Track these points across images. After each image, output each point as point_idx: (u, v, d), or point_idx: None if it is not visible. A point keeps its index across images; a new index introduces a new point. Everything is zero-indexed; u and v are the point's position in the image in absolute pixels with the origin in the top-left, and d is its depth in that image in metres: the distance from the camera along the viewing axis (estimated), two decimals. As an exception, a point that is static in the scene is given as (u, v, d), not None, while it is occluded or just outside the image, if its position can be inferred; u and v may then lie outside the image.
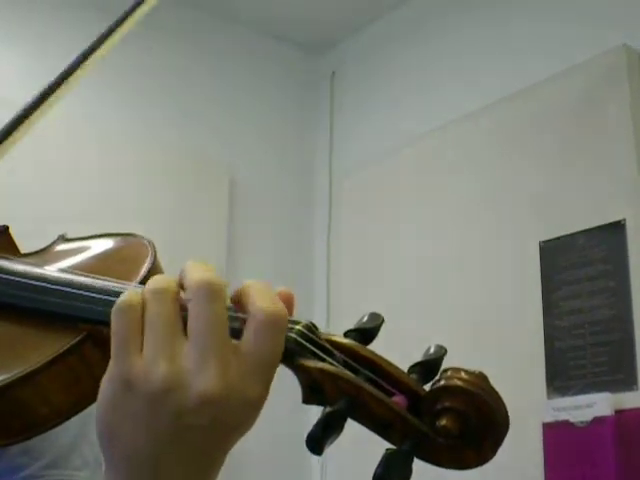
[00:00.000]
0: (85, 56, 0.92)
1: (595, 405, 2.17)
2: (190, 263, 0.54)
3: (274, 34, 3.36)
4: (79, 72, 0.91)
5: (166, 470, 0.52)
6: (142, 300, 0.53)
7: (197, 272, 0.53)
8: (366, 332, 0.54)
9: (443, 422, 0.48)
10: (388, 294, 2.82)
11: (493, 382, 0.51)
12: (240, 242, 3.06)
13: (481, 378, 0.49)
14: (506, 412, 0.48)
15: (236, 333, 0.52)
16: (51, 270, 0.70)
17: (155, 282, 0.54)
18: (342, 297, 3.07)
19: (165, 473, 0.52)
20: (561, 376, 2.30)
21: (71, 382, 0.60)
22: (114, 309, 0.53)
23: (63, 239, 0.84)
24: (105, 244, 0.79)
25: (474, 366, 0.50)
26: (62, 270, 0.70)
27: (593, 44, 2.46)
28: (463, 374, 0.48)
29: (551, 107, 2.53)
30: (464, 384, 0.48)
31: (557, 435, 2.23)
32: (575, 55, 2.49)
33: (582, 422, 2.18)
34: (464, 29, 2.93)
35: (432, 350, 0.53)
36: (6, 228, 0.85)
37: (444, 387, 0.48)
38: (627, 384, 2.16)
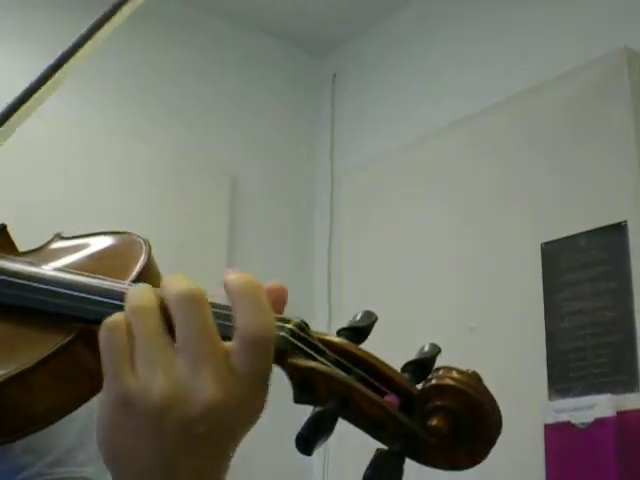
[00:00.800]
0: (71, 51, 0.92)
1: (596, 406, 2.16)
2: (166, 279, 0.55)
3: (275, 35, 3.36)
4: (67, 65, 0.91)
5: (177, 478, 0.52)
6: (126, 319, 0.53)
7: (174, 285, 0.53)
8: (359, 330, 0.53)
9: (434, 421, 0.47)
10: (389, 294, 2.82)
11: (494, 383, 0.51)
12: (240, 242, 3.06)
13: (473, 377, 0.48)
14: (499, 412, 0.48)
15: (228, 336, 0.51)
16: (43, 269, 0.70)
17: (133, 299, 0.54)
18: (343, 296, 3.07)
19: None
20: (563, 377, 2.30)
21: (63, 381, 0.60)
22: (100, 335, 0.53)
23: (59, 237, 0.83)
24: (100, 242, 0.78)
25: (475, 368, 0.49)
26: (55, 269, 0.70)
27: (594, 46, 2.46)
28: (455, 373, 0.48)
29: (552, 109, 2.53)
30: (455, 383, 0.47)
31: (558, 436, 2.23)
32: (576, 57, 2.49)
33: (583, 423, 2.18)
34: (465, 31, 2.93)
35: (426, 349, 0.52)
36: (4, 227, 0.86)
37: (435, 386, 0.48)
38: (629, 385, 2.16)
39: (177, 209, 2.94)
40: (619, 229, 2.27)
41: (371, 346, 0.55)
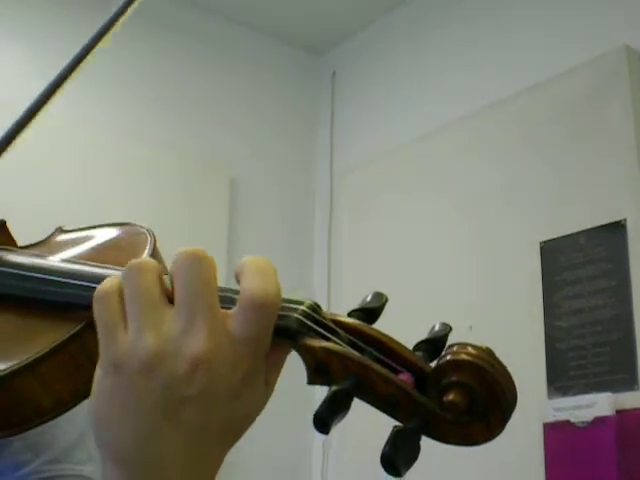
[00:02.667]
0: (82, 55, 0.92)
1: (596, 405, 2.16)
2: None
3: (275, 34, 3.37)
4: (77, 70, 0.91)
5: (162, 455, 0.50)
6: (119, 283, 0.52)
7: (181, 249, 0.52)
8: (370, 311, 0.54)
9: (450, 397, 0.47)
10: (388, 293, 2.80)
11: None
12: (240, 242, 3.06)
13: (488, 352, 0.48)
14: (514, 385, 0.48)
15: (229, 304, 0.51)
16: (49, 260, 0.70)
17: (131, 261, 0.53)
18: (342, 296, 3.07)
19: (161, 459, 0.50)
20: (562, 376, 2.29)
21: (72, 371, 0.60)
22: (94, 298, 0.52)
23: (61, 231, 0.84)
24: (104, 234, 0.79)
25: None
26: (60, 259, 0.70)
27: (594, 44, 2.46)
28: (470, 349, 0.48)
29: (552, 108, 2.53)
30: (471, 358, 0.47)
31: (558, 435, 2.22)
32: (576, 55, 2.49)
33: (583, 422, 2.17)
34: (464, 29, 2.93)
35: (437, 328, 0.52)
36: (3, 222, 0.85)
37: (451, 361, 0.48)
38: (628, 384, 2.16)
39: (176, 209, 2.94)
40: (618, 227, 2.27)
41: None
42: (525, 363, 2.36)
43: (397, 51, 3.17)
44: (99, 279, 0.60)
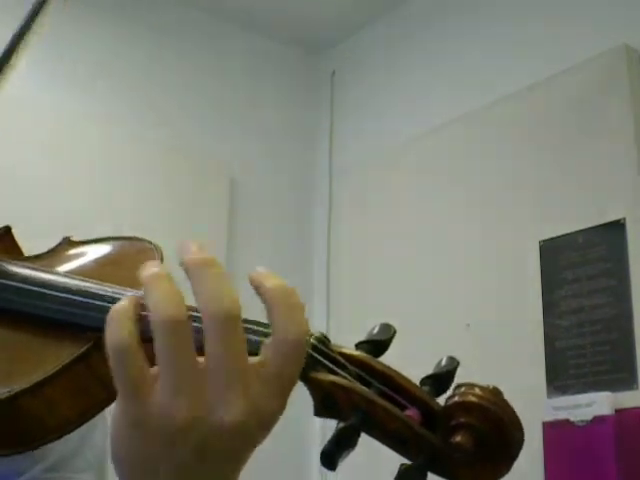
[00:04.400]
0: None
1: (595, 404, 2.17)
2: (195, 267, 0.50)
3: (274, 33, 3.36)
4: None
5: None
6: (134, 328, 0.50)
7: (210, 293, 0.49)
8: (378, 344, 0.54)
9: (458, 438, 0.47)
10: (387, 293, 2.81)
11: (493, 381, 0.51)
12: (240, 242, 3.06)
13: (495, 393, 0.48)
14: (521, 427, 0.48)
15: (253, 348, 0.50)
16: (55, 276, 0.69)
17: (163, 308, 0.49)
18: (342, 297, 3.07)
19: None
20: (561, 375, 2.30)
21: (78, 391, 0.59)
22: (111, 350, 0.49)
23: (68, 242, 0.81)
24: (110, 248, 0.77)
25: (475, 365, 0.49)
26: (67, 276, 0.69)
27: (593, 44, 2.45)
28: (477, 390, 0.48)
29: (551, 107, 2.53)
30: (478, 400, 0.48)
31: (557, 434, 2.23)
32: (575, 55, 2.49)
33: (582, 421, 2.18)
34: (464, 29, 2.93)
35: (444, 362, 0.52)
36: (8, 229, 0.84)
37: (458, 403, 0.48)
38: (627, 383, 2.16)
39: (176, 209, 2.93)
40: (618, 226, 2.27)
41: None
42: (524, 362, 2.36)
43: (397, 50, 3.16)
44: (107, 299, 0.59)
